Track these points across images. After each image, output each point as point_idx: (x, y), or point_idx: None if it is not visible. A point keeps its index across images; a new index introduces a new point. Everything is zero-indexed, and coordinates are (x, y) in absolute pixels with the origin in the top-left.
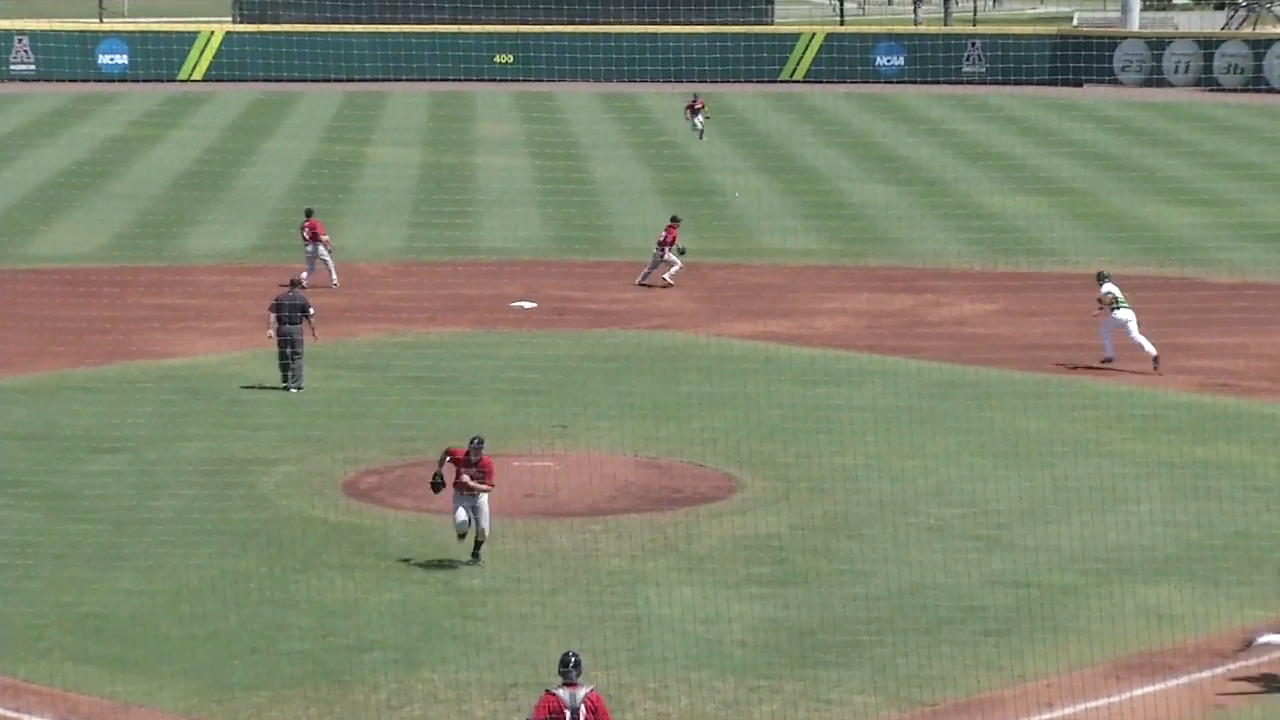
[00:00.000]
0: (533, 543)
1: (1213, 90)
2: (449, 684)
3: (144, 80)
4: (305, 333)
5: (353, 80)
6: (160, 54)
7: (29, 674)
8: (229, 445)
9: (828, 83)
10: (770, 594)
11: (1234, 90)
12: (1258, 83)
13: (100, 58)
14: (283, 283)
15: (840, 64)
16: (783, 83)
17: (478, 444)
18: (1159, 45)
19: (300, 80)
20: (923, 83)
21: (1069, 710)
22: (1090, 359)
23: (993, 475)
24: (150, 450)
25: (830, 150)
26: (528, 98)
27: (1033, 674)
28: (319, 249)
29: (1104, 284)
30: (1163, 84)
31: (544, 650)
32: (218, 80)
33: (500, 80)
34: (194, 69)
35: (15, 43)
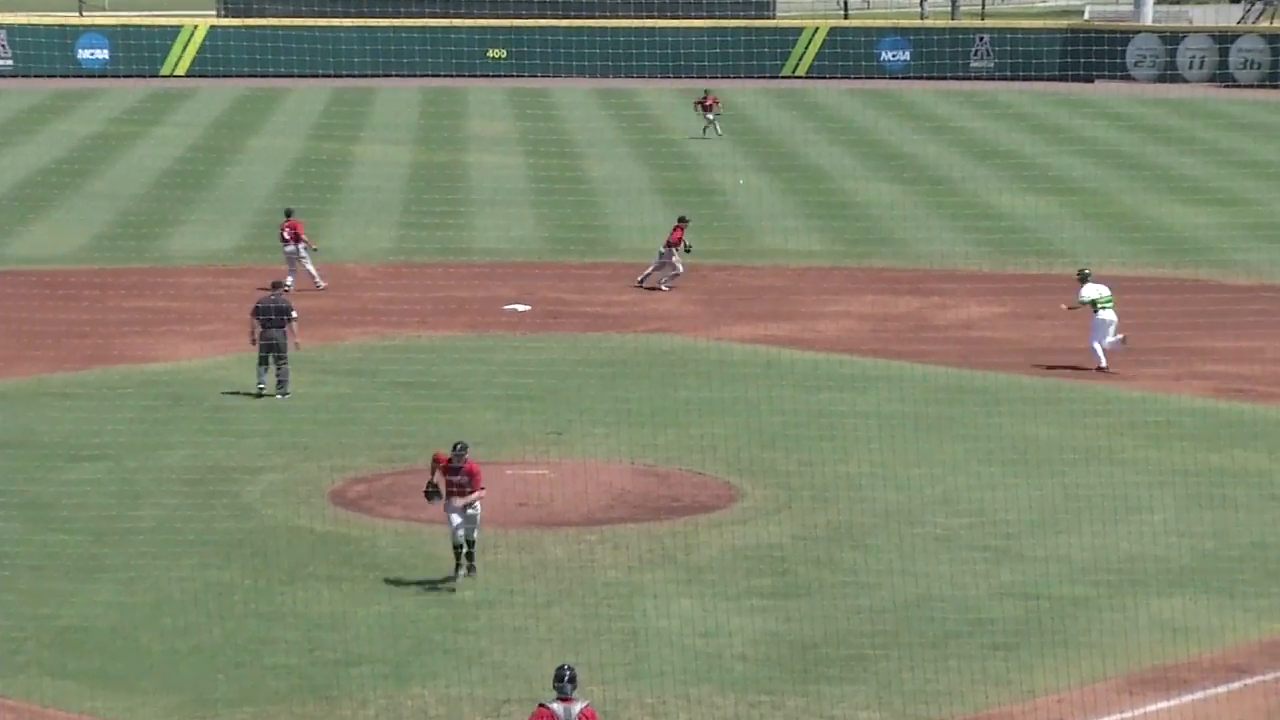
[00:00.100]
0: (526, 553)
1: (1228, 86)
2: (440, 699)
3: (125, 76)
4: (289, 338)
5: (341, 76)
6: (142, 48)
7: (5, 689)
8: (212, 453)
9: (831, 78)
10: (772, 606)
11: (1250, 86)
12: (1275, 78)
13: (80, 52)
14: (264, 286)
15: (844, 59)
16: (785, 78)
17: (460, 449)
18: (1173, 39)
19: (287, 76)
20: (929, 78)
21: None
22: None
23: (1001, 483)
24: (131, 458)
25: (834, 148)
26: (521, 94)
27: (1043, 689)
28: (300, 250)
29: (1085, 285)
30: (1177, 79)
31: (538, 664)
32: (201, 76)
33: (493, 76)
34: (177, 64)
35: None
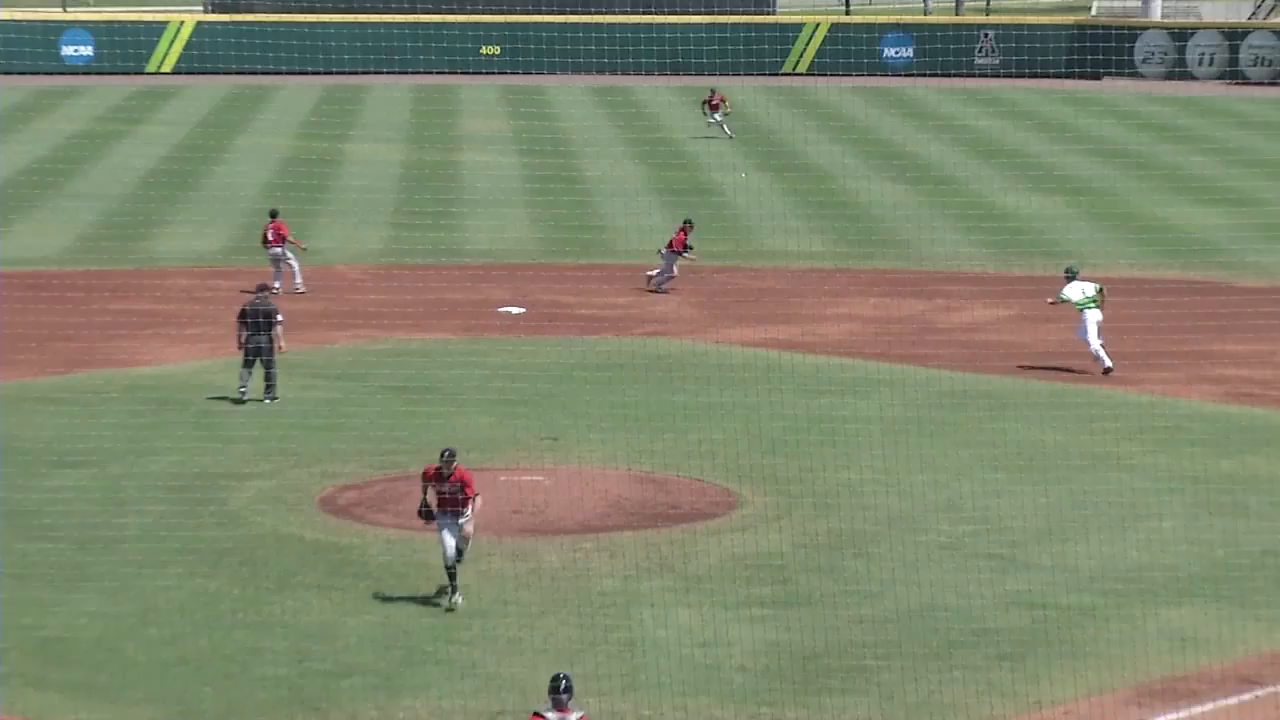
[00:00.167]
0: (521, 562)
1: (1239, 83)
2: (432, 712)
3: (110, 73)
4: (274, 341)
5: (331, 73)
6: (127, 45)
7: None
8: (199, 459)
9: (832, 75)
10: (772, 616)
11: (1261, 83)
12: None
13: (64, 49)
14: (249, 289)
15: (845, 56)
16: (785, 76)
17: (449, 457)
18: (1182, 36)
19: (275, 73)
20: (933, 75)
21: None
22: (1107, 367)
23: (1007, 490)
24: (116, 464)
25: (835, 147)
26: (516, 91)
27: (1049, 701)
28: (285, 251)
29: (1070, 283)
30: (1186, 77)
31: (532, 676)
32: (188, 73)
33: (487, 73)
34: (163, 61)
35: None
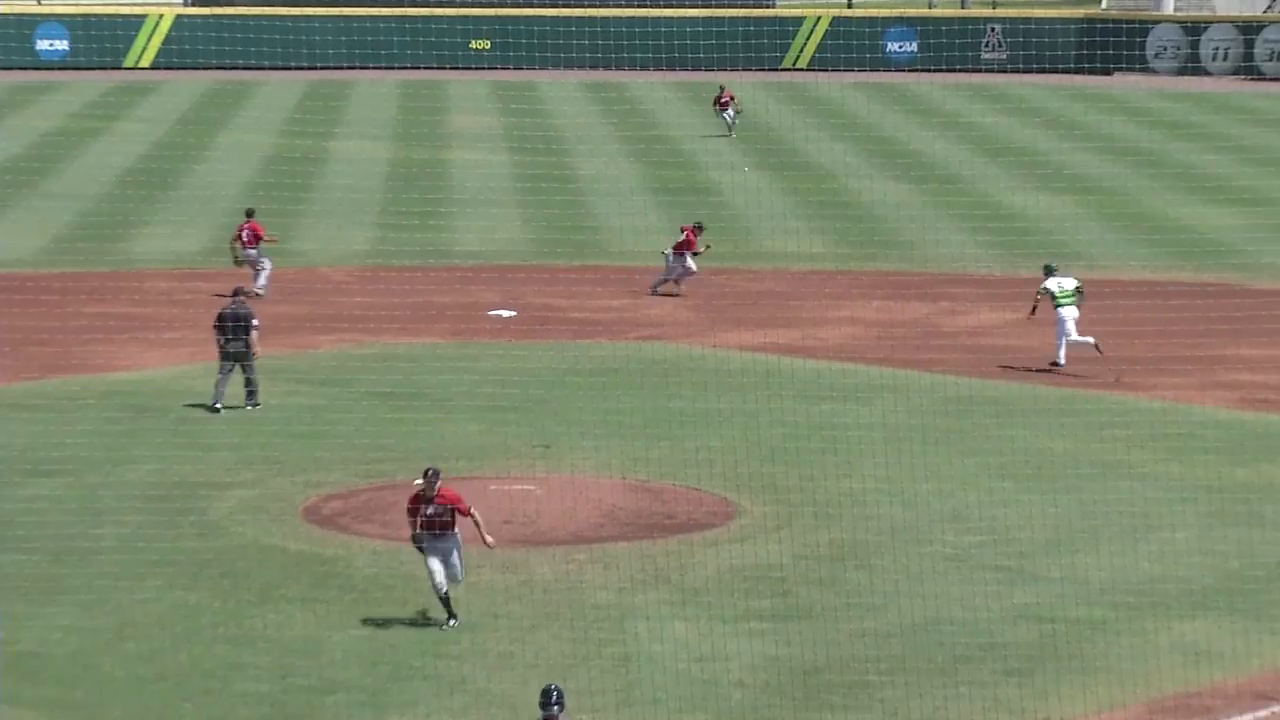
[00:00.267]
0: (511, 574)
1: (1254, 79)
2: None
3: (86, 68)
4: (252, 347)
5: (315, 68)
6: (104, 39)
7: None
8: (179, 467)
9: (834, 71)
10: (771, 630)
11: (1277, 79)
12: None
13: (38, 43)
14: (227, 293)
15: (847, 51)
16: (785, 71)
17: (432, 475)
18: (1195, 30)
19: (258, 68)
20: (938, 71)
21: None
22: (1110, 372)
23: (1015, 500)
24: (92, 473)
25: (837, 145)
26: (506, 87)
27: (1058, 717)
28: (261, 253)
29: (1050, 277)
30: (1199, 72)
31: (524, 692)
32: (167, 68)
33: (476, 68)
34: (141, 56)
35: None
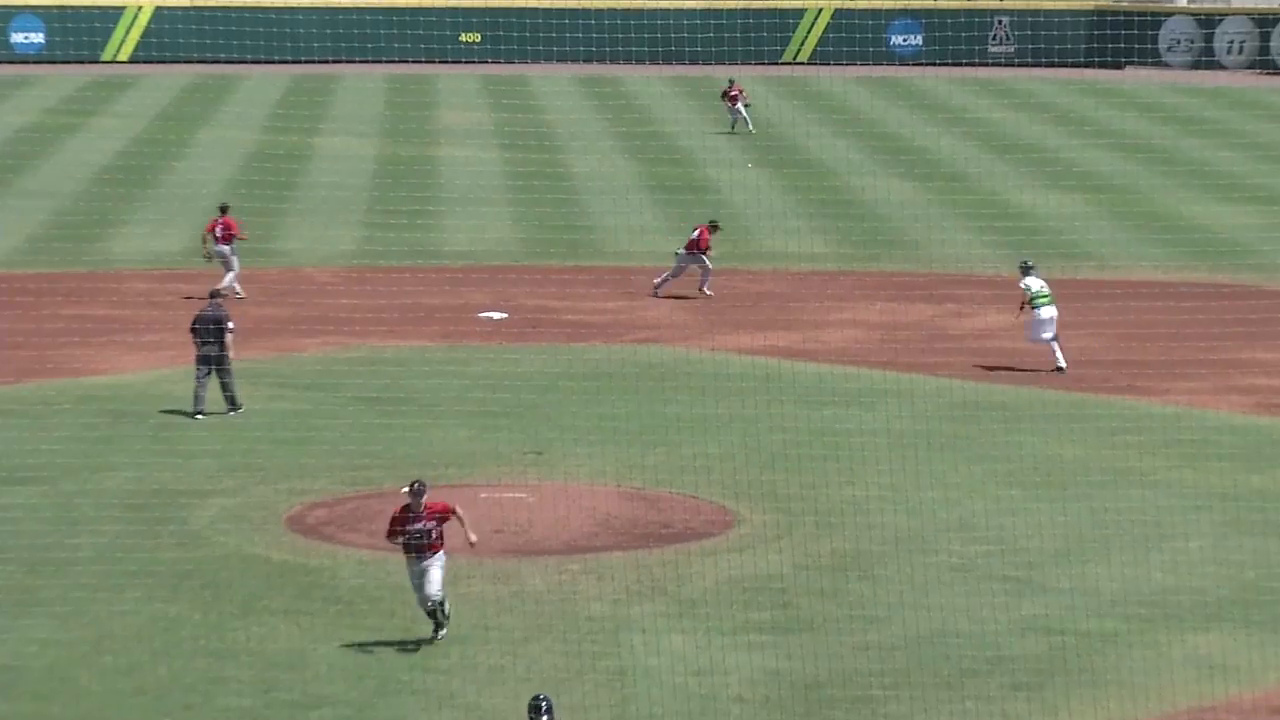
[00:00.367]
0: (503, 585)
1: (1270, 73)
2: None
3: (62, 61)
4: (228, 350)
5: (299, 62)
6: (81, 32)
7: None
8: (158, 475)
9: (836, 65)
10: (771, 642)
11: None
12: None
13: (13, 36)
14: (202, 294)
15: (850, 44)
16: (785, 65)
17: (419, 489)
18: (1209, 23)
19: (240, 62)
20: (943, 65)
21: None
22: (1110, 374)
23: (1023, 508)
24: (69, 481)
25: (839, 141)
26: (497, 81)
27: None
28: (233, 251)
29: (1027, 275)
30: (1214, 66)
31: (515, 707)
32: (146, 62)
33: (466, 62)
34: (119, 49)
35: None
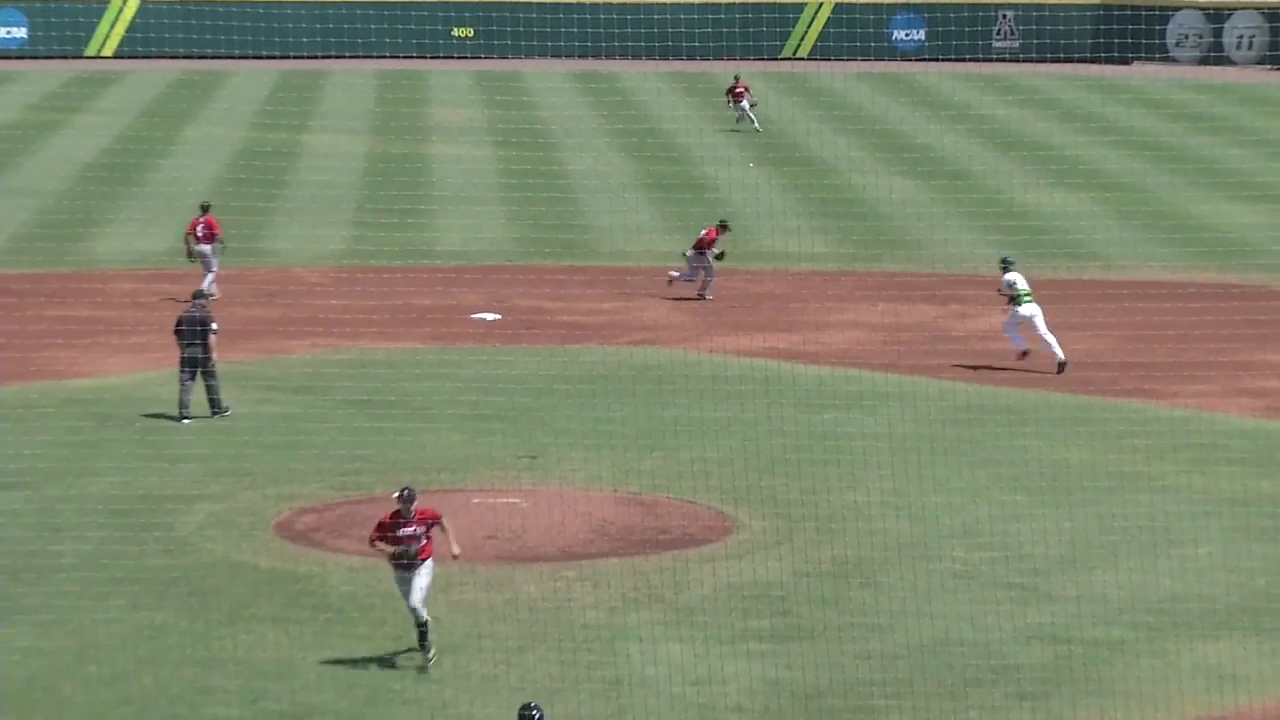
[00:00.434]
0: (496, 592)
1: None
2: None
3: (45, 57)
4: (211, 352)
5: (288, 57)
6: (64, 26)
7: None
8: (144, 480)
9: (837, 60)
10: (771, 651)
11: None
12: None
13: None
14: (176, 296)
15: (851, 38)
16: (785, 60)
17: (408, 495)
18: (1219, 17)
19: (227, 57)
20: (946, 60)
21: None
22: (1109, 374)
23: (1028, 514)
24: (52, 486)
25: (840, 139)
26: (490, 77)
27: None
28: (212, 251)
29: (1006, 273)
30: (1223, 61)
31: (508, 717)
32: (131, 57)
33: (459, 57)
34: (104, 44)
35: None
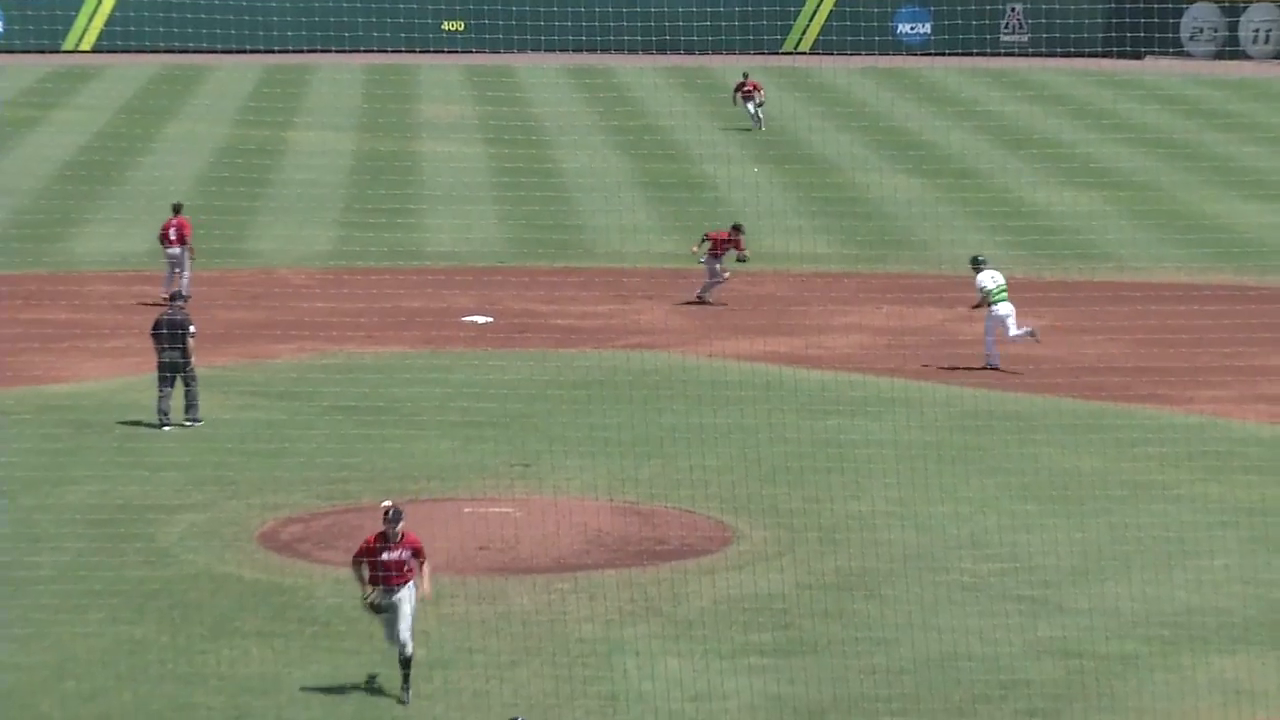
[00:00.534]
0: (488, 605)
1: None
2: None
3: (21, 51)
4: (189, 355)
5: (273, 52)
6: (41, 20)
7: None
8: (123, 489)
9: (840, 55)
10: (772, 666)
11: None
12: None
13: None
14: (147, 299)
15: (855, 32)
16: (786, 55)
17: (394, 515)
18: (1234, 10)
19: (210, 51)
20: (953, 55)
21: None
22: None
23: (1038, 524)
24: (28, 495)
25: (843, 136)
26: (482, 72)
27: None
28: (184, 253)
29: (980, 272)
30: (1238, 56)
31: None
32: (110, 51)
33: (449, 52)
34: (81, 38)
35: None
